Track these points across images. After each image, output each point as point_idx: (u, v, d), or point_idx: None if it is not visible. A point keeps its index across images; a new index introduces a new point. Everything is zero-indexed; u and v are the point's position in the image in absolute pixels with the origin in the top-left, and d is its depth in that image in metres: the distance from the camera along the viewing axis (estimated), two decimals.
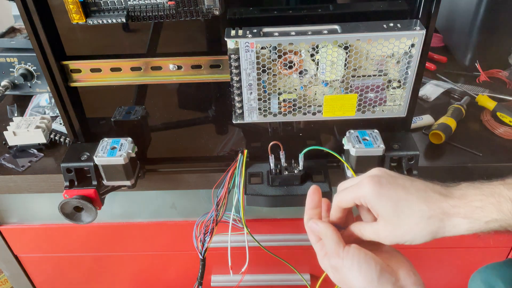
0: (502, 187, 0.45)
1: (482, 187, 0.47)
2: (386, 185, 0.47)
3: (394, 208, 0.46)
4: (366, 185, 0.47)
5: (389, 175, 0.48)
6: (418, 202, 0.46)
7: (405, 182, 0.48)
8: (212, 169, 0.72)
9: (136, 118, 0.67)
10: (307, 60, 0.56)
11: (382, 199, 0.46)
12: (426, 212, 0.45)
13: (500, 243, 0.88)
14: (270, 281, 0.95)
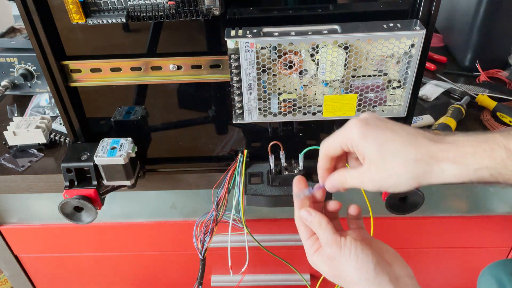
0: (498, 135, 0.42)
1: (477, 135, 0.44)
2: (373, 126, 0.45)
3: (380, 149, 0.44)
4: (353, 126, 0.46)
5: (377, 118, 0.46)
6: (406, 144, 0.44)
7: (394, 125, 0.45)
8: (212, 169, 0.72)
9: (136, 118, 0.67)
10: (307, 60, 0.56)
11: (368, 140, 0.44)
12: (413, 154, 0.43)
13: (501, 243, 0.88)
14: (270, 281, 0.95)
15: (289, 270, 0.87)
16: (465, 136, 0.44)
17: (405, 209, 0.65)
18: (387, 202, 0.63)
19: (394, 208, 0.64)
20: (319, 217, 0.50)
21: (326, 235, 0.49)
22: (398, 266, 0.48)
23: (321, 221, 0.49)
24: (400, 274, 0.47)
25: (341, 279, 0.48)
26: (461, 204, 0.83)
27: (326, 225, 0.49)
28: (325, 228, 0.49)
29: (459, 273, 0.96)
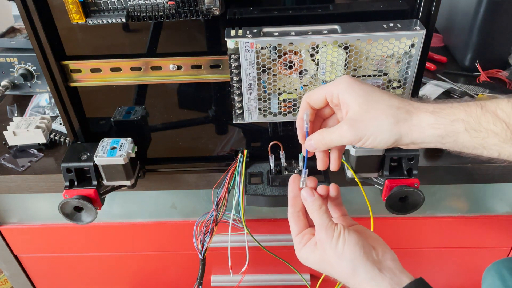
0: (476, 101, 0.45)
1: (456, 100, 0.47)
2: (359, 82, 0.48)
3: (364, 97, 0.46)
4: (342, 79, 0.48)
5: (365, 82, 0.49)
6: (389, 96, 0.47)
7: (379, 89, 0.48)
8: (212, 169, 0.72)
9: (136, 118, 0.67)
10: (307, 60, 0.56)
11: (354, 89, 0.47)
12: (396, 102, 0.46)
13: (501, 243, 0.88)
14: (270, 281, 0.95)
15: (289, 270, 0.87)
16: (445, 101, 0.47)
17: (405, 209, 0.65)
18: (387, 202, 0.63)
19: (394, 208, 0.64)
20: (320, 201, 0.51)
21: (323, 219, 0.50)
22: (381, 250, 0.50)
23: (321, 205, 0.51)
24: (384, 258, 0.49)
25: (328, 265, 0.50)
26: (461, 204, 0.83)
27: (325, 210, 0.51)
28: (325, 212, 0.51)
29: (459, 273, 0.96)
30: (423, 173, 0.68)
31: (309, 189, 0.53)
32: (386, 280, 0.47)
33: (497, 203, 0.82)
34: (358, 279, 0.48)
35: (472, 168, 0.71)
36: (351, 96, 0.47)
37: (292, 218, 0.54)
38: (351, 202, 0.82)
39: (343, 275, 0.49)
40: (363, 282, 0.47)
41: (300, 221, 0.54)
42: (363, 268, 0.47)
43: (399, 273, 0.48)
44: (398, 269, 0.48)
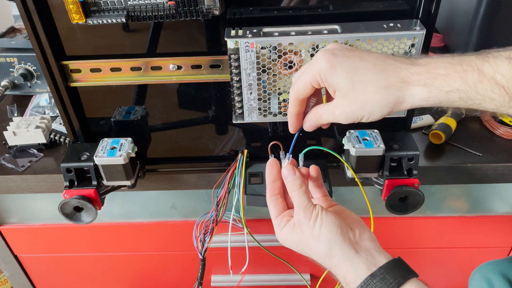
0: (474, 57, 0.41)
1: (452, 56, 0.43)
2: (340, 56, 0.44)
3: (350, 78, 0.44)
4: (320, 59, 0.45)
5: (344, 47, 0.46)
6: (376, 70, 0.43)
7: (362, 53, 0.45)
8: (212, 169, 0.72)
9: (136, 118, 0.67)
10: (307, 60, 0.56)
11: (337, 69, 0.44)
12: (384, 81, 0.43)
13: (501, 243, 0.88)
14: (270, 281, 0.95)
15: (289, 270, 0.87)
16: (439, 57, 0.43)
17: (405, 209, 0.65)
18: (387, 202, 0.63)
19: (394, 208, 0.64)
20: (301, 180, 0.51)
21: (303, 199, 0.50)
22: (359, 230, 0.49)
23: (302, 184, 0.51)
24: (361, 238, 0.49)
25: (306, 245, 0.50)
26: (461, 204, 0.83)
27: (305, 190, 0.51)
28: (305, 192, 0.50)
29: (459, 273, 0.96)
30: (423, 173, 0.68)
31: (290, 167, 0.52)
32: (363, 260, 0.46)
33: (497, 203, 0.82)
34: (334, 260, 0.48)
35: (472, 168, 0.71)
36: (334, 78, 0.44)
37: (271, 201, 0.54)
38: (351, 202, 0.82)
39: (320, 256, 0.49)
40: (339, 263, 0.47)
41: (278, 204, 0.54)
42: (339, 249, 0.47)
43: (376, 253, 0.48)
44: (376, 249, 0.48)
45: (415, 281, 0.45)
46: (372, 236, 0.50)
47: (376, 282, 0.44)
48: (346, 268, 0.47)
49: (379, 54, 0.45)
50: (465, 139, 0.76)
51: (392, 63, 0.43)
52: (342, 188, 0.80)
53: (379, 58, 0.44)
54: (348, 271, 0.47)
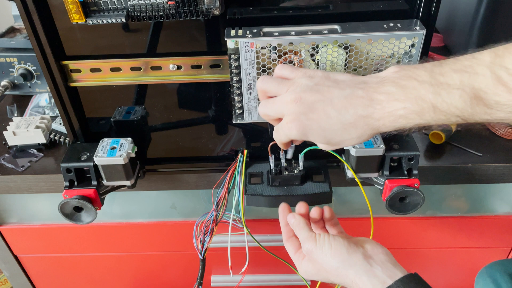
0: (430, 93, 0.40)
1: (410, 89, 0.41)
2: (308, 117, 0.45)
3: (323, 138, 0.46)
4: (291, 128, 0.46)
5: (307, 105, 0.45)
6: (345, 127, 0.44)
7: (327, 107, 0.44)
8: (212, 169, 0.72)
9: (136, 118, 0.67)
10: (307, 60, 0.56)
11: (309, 136, 0.46)
12: (355, 133, 0.44)
13: (501, 243, 0.88)
14: (270, 281, 0.95)
15: (289, 270, 0.87)
16: (398, 88, 0.42)
17: (405, 209, 0.65)
18: (387, 202, 0.63)
19: (394, 208, 0.64)
20: (299, 219, 0.57)
21: (302, 232, 0.55)
22: (371, 246, 0.52)
23: (299, 222, 0.57)
24: (374, 252, 0.51)
25: (323, 270, 0.53)
26: (461, 204, 0.83)
27: (304, 225, 0.56)
28: (303, 227, 0.56)
29: (459, 273, 0.96)
30: (423, 173, 0.68)
31: (291, 215, 0.59)
32: (378, 273, 0.48)
33: (497, 203, 0.82)
34: (351, 276, 0.49)
35: (472, 168, 0.71)
36: (309, 139, 0.47)
37: (287, 242, 0.60)
38: (351, 202, 0.82)
39: (338, 278, 0.51)
40: (355, 278, 0.49)
41: (294, 242, 0.59)
42: (353, 267, 0.49)
43: (391, 266, 0.49)
44: (391, 262, 0.50)
45: None
46: (386, 251, 0.52)
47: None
48: (362, 283, 0.48)
49: (345, 91, 0.44)
50: (465, 139, 0.76)
51: (359, 110, 0.43)
52: (342, 188, 0.80)
53: (345, 107, 0.44)
54: (364, 285, 0.48)
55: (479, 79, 0.39)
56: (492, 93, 0.38)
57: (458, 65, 0.40)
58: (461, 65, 0.40)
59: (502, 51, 0.38)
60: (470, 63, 0.40)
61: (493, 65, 0.38)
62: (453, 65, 0.40)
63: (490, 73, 0.38)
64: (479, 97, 0.39)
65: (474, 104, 0.39)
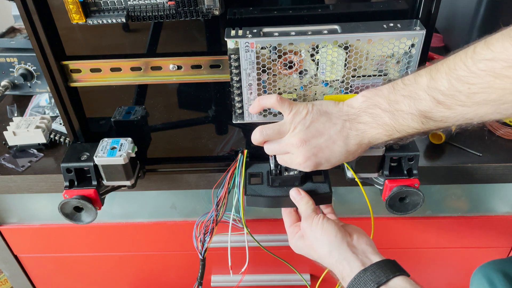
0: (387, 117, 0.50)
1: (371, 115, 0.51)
2: (318, 160, 0.54)
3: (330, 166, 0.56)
4: (306, 168, 0.55)
5: (314, 147, 0.53)
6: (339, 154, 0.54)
7: (329, 145, 0.53)
8: (212, 169, 0.72)
9: (136, 118, 0.67)
10: (307, 60, 0.56)
11: (319, 168, 0.55)
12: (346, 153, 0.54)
13: (501, 243, 0.88)
14: (270, 281, 0.95)
15: (289, 270, 0.87)
16: (370, 117, 0.51)
17: (405, 209, 0.65)
18: (387, 202, 0.63)
19: (394, 208, 0.64)
20: (307, 197, 0.61)
21: (307, 207, 0.60)
22: (358, 235, 0.57)
23: (308, 200, 0.61)
24: (358, 242, 0.56)
25: (311, 247, 0.58)
26: (461, 204, 0.83)
27: (310, 203, 0.61)
28: (307, 203, 0.61)
29: (459, 273, 0.96)
30: (423, 173, 0.68)
31: (296, 189, 0.62)
32: (358, 259, 0.53)
33: (497, 203, 0.82)
34: (333, 259, 0.55)
35: (472, 168, 0.71)
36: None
37: (285, 213, 0.65)
38: (351, 202, 0.82)
39: (322, 257, 0.57)
40: (337, 262, 0.55)
41: (292, 216, 0.64)
42: (337, 249, 0.55)
43: (371, 255, 0.54)
44: (372, 252, 0.55)
45: (404, 277, 0.50)
46: (370, 241, 0.57)
47: (367, 275, 0.51)
48: (342, 266, 0.54)
49: (337, 125, 0.53)
50: (465, 139, 0.76)
51: (351, 134, 0.53)
52: (342, 188, 0.80)
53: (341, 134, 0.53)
54: (344, 268, 0.53)
55: (422, 103, 0.46)
56: (436, 111, 0.46)
57: (405, 90, 0.48)
58: (407, 90, 0.48)
59: (434, 73, 0.45)
60: (413, 88, 0.47)
61: (429, 89, 0.45)
62: (402, 91, 0.48)
63: (429, 97, 0.45)
64: (427, 116, 0.47)
65: (425, 122, 0.47)
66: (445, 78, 0.44)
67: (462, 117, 0.45)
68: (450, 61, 0.44)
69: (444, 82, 0.44)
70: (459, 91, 0.43)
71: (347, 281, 0.52)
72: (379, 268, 0.51)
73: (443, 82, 0.44)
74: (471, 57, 0.42)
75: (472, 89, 0.42)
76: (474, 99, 0.42)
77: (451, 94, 0.44)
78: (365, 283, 0.50)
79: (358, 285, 0.50)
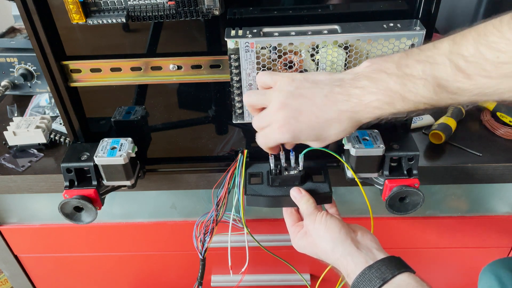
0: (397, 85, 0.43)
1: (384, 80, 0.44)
2: (296, 122, 0.48)
3: (315, 135, 0.49)
4: (282, 132, 0.49)
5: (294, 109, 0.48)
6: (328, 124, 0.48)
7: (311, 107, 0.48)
8: (212, 169, 0.72)
9: (136, 118, 0.67)
10: (307, 60, 0.56)
11: (301, 138, 0.50)
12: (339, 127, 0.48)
13: (501, 243, 0.89)
14: (270, 281, 0.95)
15: (289, 270, 0.87)
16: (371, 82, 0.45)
17: (405, 209, 0.65)
18: (387, 202, 0.63)
19: (394, 208, 0.64)
20: (308, 196, 0.61)
21: (308, 205, 0.59)
22: (361, 233, 0.57)
23: (309, 198, 0.60)
24: (362, 238, 0.56)
25: (314, 245, 0.57)
26: (461, 204, 0.83)
27: (311, 201, 0.60)
28: (308, 201, 0.60)
29: (459, 273, 0.96)
30: (423, 173, 0.68)
31: (297, 188, 0.61)
32: (362, 255, 0.52)
33: (497, 203, 0.82)
34: (337, 255, 0.54)
35: (472, 168, 0.71)
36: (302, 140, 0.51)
37: (286, 213, 0.64)
38: (351, 202, 0.82)
39: (325, 254, 0.56)
40: (341, 257, 0.54)
41: (293, 215, 0.64)
42: (342, 245, 0.54)
43: (376, 251, 0.53)
44: (376, 248, 0.54)
45: (409, 273, 0.50)
46: (374, 238, 0.56)
47: (372, 272, 0.50)
48: (347, 262, 0.53)
49: (324, 90, 0.47)
50: (465, 139, 0.76)
51: (339, 98, 0.46)
52: (342, 188, 0.80)
53: (327, 98, 0.47)
54: (348, 264, 0.53)
55: (440, 68, 0.41)
56: (453, 81, 0.40)
57: (421, 55, 0.43)
58: (424, 55, 0.42)
59: (459, 39, 0.40)
60: (431, 53, 0.42)
61: (451, 54, 0.40)
62: (417, 56, 0.43)
63: (449, 62, 0.40)
64: (442, 85, 0.41)
65: (438, 92, 0.42)
66: (472, 44, 0.39)
67: (480, 91, 0.40)
68: (480, 27, 0.40)
69: (469, 48, 0.39)
70: (486, 58, 0.38)
71: (352, 278, 0.52)
72: (384, 264, 0.50)
73: (468, 47, 0.39)
74: (508, 23, 0.38)
75: (501, 58, 0.38)
76: (501, 70, 0.38)
77: (475, 62, 0.39)
78: (371, 280, 0.49)
79: (364, 281, 0.50)
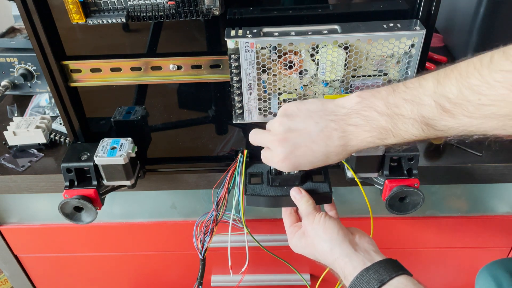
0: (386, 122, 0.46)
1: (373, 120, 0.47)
2: (296, 159, 0.52)
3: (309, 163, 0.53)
4: (281, 160, 0.52)
5: (292, 144, 0.51)
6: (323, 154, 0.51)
7: (308, 144, 0.51)
8: (212, 169, 0.72)
9: (136, 118, 0.67)
10: (307, 60, 0.56)
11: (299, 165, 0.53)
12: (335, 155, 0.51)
13: (501, 243, 0.89)
14: (270, 281, 0.95)
15: (289, 270, 0.87)
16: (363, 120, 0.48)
17: (405, 209, 0.65)
18: (387, 202, 0.63)
19: (394, 208, 0.64)
20: (307, 196, 0.61)
21: (307, 205, 0.60)
22: (359, 235, 0.57)
23: (308, 198, 0.61)
24: (360, 241, 0.56)
25: (312, 246, 0.58)
26: (461, 204, 0.83)
27: (311, 201, 0.60)
28: (308, 201, 0.60)
29: (459, 273, 0.96)
30: (423, 173, 0.68)
31: (297, 188, 0.62)
32: (360, 257, 0.53)
33: (497, 203, 0.82)
34: (334, 256, 0.54)
35: (472, 168, 0.71)
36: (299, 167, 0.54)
37: (285, 214, 0.65)
38: (351, 202, 0.82)
39: (323, 254, 0.56)
40: (338, 259, 0.54)
41: (292, 216, 0.64)
42: (339, 246, 0.54)
43: (373, 253, 0.54)
44: (374, 250, 0.55)
45: (406, 276, 0.50)
46: (371, 241, 0.56)
47: (370, 274, 0.50)
48: (344, 263, 0.53)
49: (320, 125, 0.50)
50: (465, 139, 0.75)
51: (335, 134, 0.49)
52: (342, 188, 0.80)
53: (324, 134, 0.50)
54: (345, 265, 0.53)
55: (426, 109, 0.43)
56: (439, 119, 0.43)
57: (408, 94, 0.45)
58: (410, 94, 0.45)
59: (443, 78, 0.42)
60: (417, 92, 0.44)
61: (436, 94, 0.43)
62: (404, 95, 0.45)
63: (435, 103, 0.43)
64: (429, 124, 0.44)
65: (426, 130, 0.44)
66: (455, 85, 0.41)
67: (465, 129, 0.42)
68: (462, 67, 0.41)
69: (453, 89, 0.41)
70: (469, 100, 0.40)
71: (349, 280, 0.52)
72: (381, 266, 0.50)
73: (452, 89, 0.41)
74: (488, 66, 0.39)
75: (483, 101, 0.39)
76: (482, 111, 0.40)
77: (459, 103, 0.41)
78: (368, 282, 0.49)
79: (361, 283, 0.50)
